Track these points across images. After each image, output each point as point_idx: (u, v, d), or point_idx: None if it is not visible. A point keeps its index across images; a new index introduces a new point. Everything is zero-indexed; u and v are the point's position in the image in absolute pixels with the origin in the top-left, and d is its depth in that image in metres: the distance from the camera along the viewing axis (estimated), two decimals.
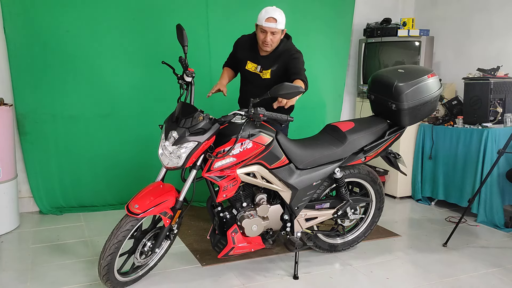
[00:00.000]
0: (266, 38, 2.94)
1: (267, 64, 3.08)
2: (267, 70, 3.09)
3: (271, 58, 3.08)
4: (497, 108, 3.89)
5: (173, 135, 2.39)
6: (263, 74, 3.11)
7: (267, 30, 2.92)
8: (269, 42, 2.95)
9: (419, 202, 4.46)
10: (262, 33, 2.96)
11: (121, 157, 4.01)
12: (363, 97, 4.82)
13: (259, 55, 3.10)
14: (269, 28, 2.90)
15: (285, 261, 3.05)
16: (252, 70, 3.13)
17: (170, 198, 2.49)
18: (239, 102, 3.42)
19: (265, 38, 2.94)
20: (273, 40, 2.96)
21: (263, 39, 2.96)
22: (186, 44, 2.62)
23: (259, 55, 3.10)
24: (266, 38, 2.94)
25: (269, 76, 3.09)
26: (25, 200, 3.91)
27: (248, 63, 3.13)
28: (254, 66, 3.12)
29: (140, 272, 2.69)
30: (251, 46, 3.13)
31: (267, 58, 3.08)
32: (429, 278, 2.85)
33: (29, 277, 2.74)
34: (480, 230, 3.73)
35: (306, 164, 2.79)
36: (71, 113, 3.83)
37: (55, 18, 3.67)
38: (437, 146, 4.23)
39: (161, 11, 3.92)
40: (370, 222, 3.26)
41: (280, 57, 3.06)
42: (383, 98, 2.95)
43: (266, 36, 2.93)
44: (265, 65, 3.09)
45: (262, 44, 2.99)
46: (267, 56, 3.08)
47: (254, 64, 3.12)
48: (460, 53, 4.65)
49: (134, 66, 3.93)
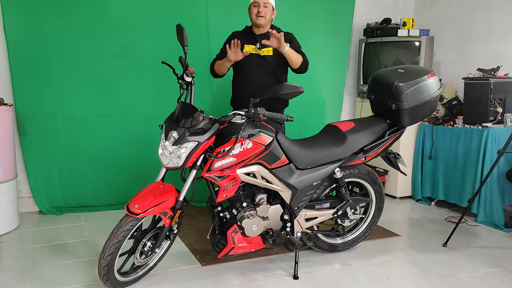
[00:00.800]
0: (259, 9, 3.09)
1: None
2: (267, 48, 3.14)
3: (268, 36, 3.09)
4: (497, 108, 3.89)
5: (173, 135, 2.39)
6: (263, 52, 3.16)
7: (259, 2, 3.09)
8: (262, 12, 3.09)
9: (419, 202, 4.46)
10: (255, 7, 3.12)
11: (121, 156, 4.01)
12: (363, 97, 4.82)
13: (256, 34, 3.19)
14: (261, 0, 3.08)
15: (285, 261, 3.05)
16: (250, 51, 3.16)
17: (170, 198, 2.49)
18: (233, 97, 3.34)
19: (258, 9, 3.10)
20: (266, 12, 3.11)
21: (256, 12, 3.11)
22: (186, 44, 2.62)
23: (255, 35, 3.19)
24: (259, 9, 3.09)
25: (271, 53, 3.16)
26: (25, 200, 3.92)
27: (245, 46, 3.17)
28: (252, 47, 3.17)
29: (140, 272, 2.69)
30: (245, 33, 3.24)
31: (264, 36, 3.13)
32: (429, 278, 2.85)
33: (29, 277, 2.74)
34: (480, 230, 3.73)
35: (306, 164, 2.79)
36: (71, 113, 3.83)
37: (55, 18, 3.67)
38: (437, 146, 4.23)
39: (161, 11, 3.92)
40: (370, 222, 3.26)
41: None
42: (383, 98, 2.95)
43: (259, 7, 3.09)
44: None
45: (256, 18, 3.12)
46: (264, 34, 3.16)
47: (251, 45, 3.18)
48: (460, 53, 4.65)
49: (134, 66, 3.93)
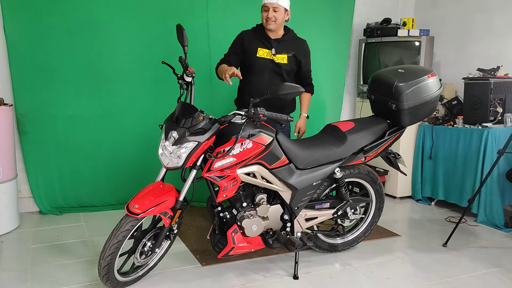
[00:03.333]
0: (268, 14, 3.02)
1: (281, 48, 3.11)
2: (281, 54, 3.11)
3: (284, 42, 3.11)
4: (497, 108, 3.89)
5: (173, 135, 2.39)
6: (277, 58, 3.10)
7: (269, 7, 3.02)
8: (272, 18, 3.02)
9: (419, 202, 4.46)
10: (265, 11, 3.05)
11: (121, 156, 4.01)
12: (363, 97, 4.82)
13: (270, 39, 3.12)
14: (270, 4, 3.01)
15: (285, 261, 3.05)
16: (264, 56, 3.11)
17: (170, 198, 2.49)
18: (240, 99, 3.30)
19: (268, 15, 3.02)
20: (276, 17, 3.03)
21: (266, 17, 3.04)
22: (186, 44, 2.62)
23: (270, 39, 3.12)
24: (269, 15, 3.02)
25: (285, 62, 3.12)
26: (25, 200, 3.91)
27: (259, 50, 3.11)
28: (266, 52, 3.11)
29: (140, 272, 2.69)
30: (259, 35, 3.15)
31: (279, 41, 3.11)
32: (429, 278, 2.85)
33: (29, 277, 2.74)
34: (480, 230, 3.73)
35: (306, 164, 2.79)
36: (71, 113, 3.83)
37: (55, 18, 3.67)
38: (437, 146, 4.23)
39: (161, 11, 3.92)
40: (370, 222, 3.26)
41: (295, 45, 3.16)
42: (383, 98, 2.95)
43: (269, 13, 3.02)
44: (278, 49, 3.11)
45: (266, 22, 3.06)
46: (279, 39, 3.12)
47: (266, 50, 3.12)
48: (460, 53, 4.65)
49: (134, 66, 3.93)
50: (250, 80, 3.17)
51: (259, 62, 3.11)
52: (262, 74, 3.12)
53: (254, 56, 3.11)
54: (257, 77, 3.13)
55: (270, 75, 3.12)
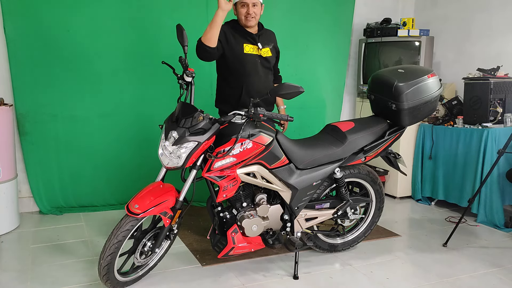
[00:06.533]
0: (249, 10, 2.93)
1: (264, 41, 3.09)
2: (265, 48, 3.07)
3: (262, 36, 3.08)
4: (497, 108, 3.89)
5: (173, 135, 2.39)
6: (263, 53, 3.06)
7: (247, 2, 2.92)
8: (252, 14, 2.93)
9: (419, 202, 4.46)
10: (243, 7, 2.95)
11: (121, 156, 4.01)
12: (363, 97, 4.82)
13: (252, 34, 3.03)
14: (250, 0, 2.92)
15: (285, 261, 3.05)
16: (251, 52, 3.01)
17: (170, 198, 2.49)
18: (224, 100, 3.13)
19: (248, 10, 2.93)
20: (256, 13, 2.96)
21: (246, 13, 2.94)
22: (186, 44, 2.62)
23: (252, 34, 3.03)
24: (249, 11, 2.93)
25: (270, 54, 3.09)
26: (25, 200, 3.92)
27: (245, 46, 3.01)
28: (252, 47, 3.02)
29: (140, 272, 2.69)
30: (239, 31, 3.02)
31: (259, 36, 3.07)
32: (429, 278, 2.86)
33: (29, 277, 2.74)
34: (480, 230, 3.73)
35: (306, 164, 2.79)
36: (71, 113, 3.83)
37: (55, 17, 3.67)
38: (437, 146, 4.23)
39: (161, 11, 3.93)
40: (370, 222, 3.26)
41: (271, 36, 3.16)
42: (383, 98, 2.95)
43: (249, 9, 2.93)
44: (263, 42, 3.07)
45: (245, 19, 2.95)
46: (258, 34, 3.06)
47: (251, 45, 3.02)
48: (460, 53, 4.65)
49: (134, 66, 3.93)
50: (241, 77, 3.02)
51: (249, 59, 3.00)
52: (256, 73, 3.04)
53: (242, 53, 2.99)
54: (254, 76, 3.02)
55: (263, 71, 3.07)
